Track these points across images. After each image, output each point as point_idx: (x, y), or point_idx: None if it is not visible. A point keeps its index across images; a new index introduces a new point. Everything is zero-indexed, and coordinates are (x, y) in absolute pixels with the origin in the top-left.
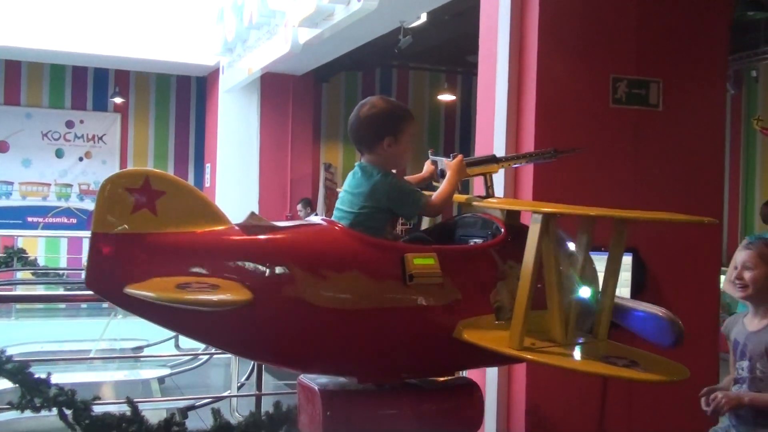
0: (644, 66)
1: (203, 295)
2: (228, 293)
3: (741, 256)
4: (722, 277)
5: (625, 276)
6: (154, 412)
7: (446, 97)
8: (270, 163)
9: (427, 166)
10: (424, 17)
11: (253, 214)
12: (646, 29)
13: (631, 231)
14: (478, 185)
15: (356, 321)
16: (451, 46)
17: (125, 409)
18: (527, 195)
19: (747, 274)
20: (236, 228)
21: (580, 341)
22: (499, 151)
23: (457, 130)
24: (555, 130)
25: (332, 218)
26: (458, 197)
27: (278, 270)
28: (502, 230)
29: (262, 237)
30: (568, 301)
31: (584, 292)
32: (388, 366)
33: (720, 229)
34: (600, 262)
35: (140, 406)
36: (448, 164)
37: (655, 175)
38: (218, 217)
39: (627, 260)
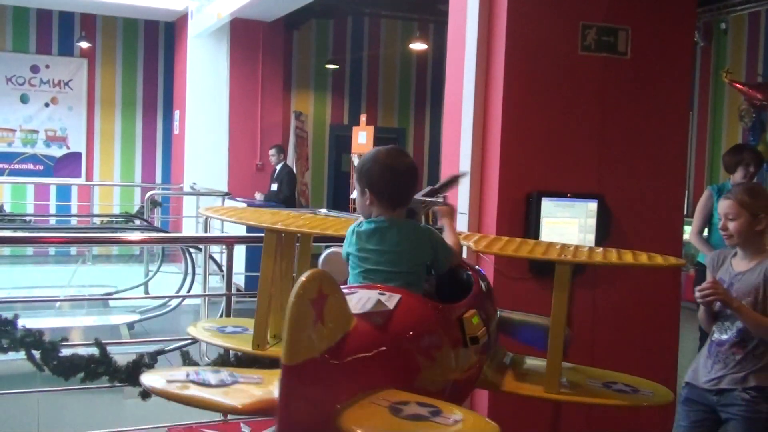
0: (613, 14)
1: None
2: (453, 413)
3: (723, 206)
4: (686, 228)
5: (590, 223)
6: (123, 356)
7: (418, 46)
8: (240, 110)
9: None
10: None
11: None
12: None
13: (597, 178)
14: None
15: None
16: None
17: (94, 350)
18: (496, 143)
19: (731, 225)
20: (362, 321)
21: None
22: (469, 99)
23: (429, 80)
24: (524, 77)
25: (373, 278)
26: None
27: (409, 363)
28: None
29: (391, 330)
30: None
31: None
32: None
33: (684, 179)
34: (565, 208)
35: (109, 349)
36: (443, 211)
37: (622, 123)
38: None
39: (593, 207)
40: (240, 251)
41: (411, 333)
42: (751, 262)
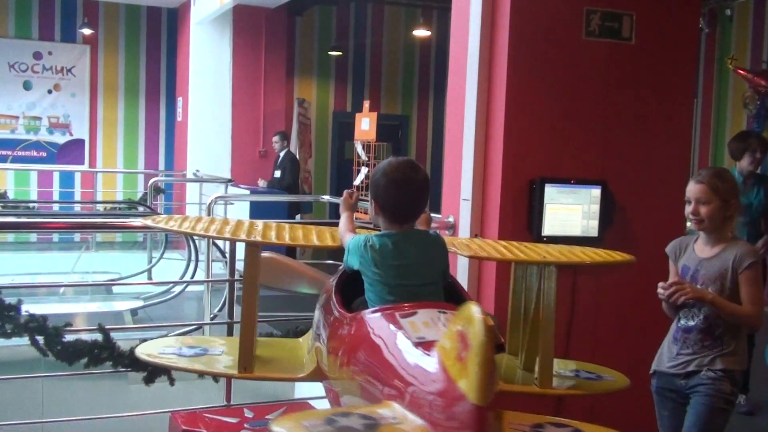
0: None
1: None
2: None
3: (694, 190)
4: None
5: (594, 209)
6: (126, 342)
7: (421, 33)
8: (243, 97)
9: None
10: None
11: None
12: None
13: (600, 164)
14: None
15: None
16: None
17: (97, 336)
18: (499, 129)
19: (702, 209)
20: None
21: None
22: (472, 85)
23: (432, 66)
24: (528, 63)
25: (401, 293)
26: None
27: None
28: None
29: None
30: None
31: None
32: None
33: (688, 166)
34: (568, 194)
35: (113, 336)
36: (423, 219)
37: (626, 109)
38: None
39: (596, 193)
40: None
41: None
42: (714, 247)
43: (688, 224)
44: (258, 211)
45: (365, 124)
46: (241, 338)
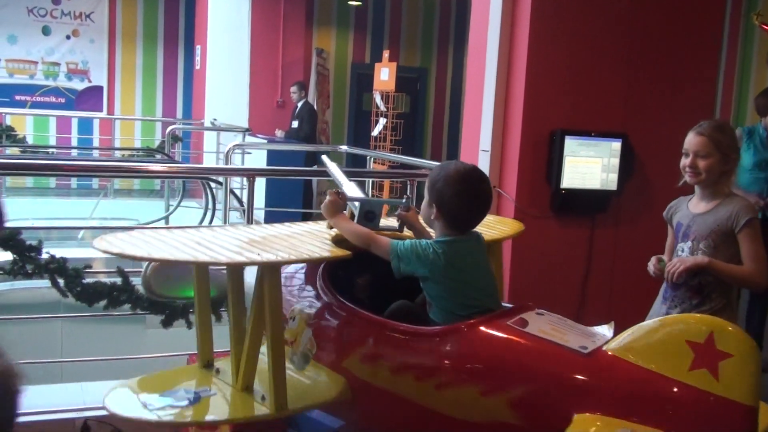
0: None
1: None
2: None
3: (694, 143)
4: None
5: (614, 162)
6: None
7: None
8: (261, 46)
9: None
10: None
11: None
12: None
13: (622, 117)
14: None
15: None
16: None
17: (116, 279)
18: (520, 80)
19: (701, 163)
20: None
21: None
22: (494, 35)
23: (453, 17)
24: (551, 13)
25: (477, 296)
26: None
27: None
28: None
29: None
30: None
31: None
32: None
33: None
34: (588, 147)
35: (131, 279)
36: (413, 217)
37: (650, 61)
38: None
39: (616, 146)
40: (260, 186)
41: None
42: (709, 203)
43: (685, 178)
44: (275, 160)
45: (384, 74)
46: (273, 374)
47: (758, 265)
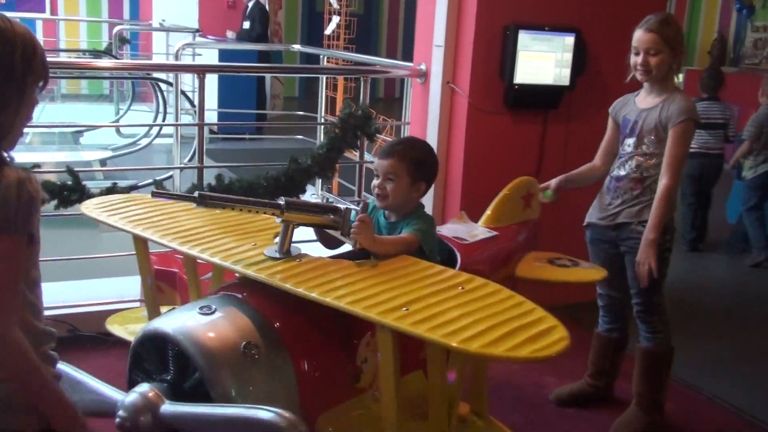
0: None
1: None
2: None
3: (644, 40)
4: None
5: (567, 57)
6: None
7: None
8: None
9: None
10: None
11: None
12: None
13: (576, 10)
14: None
15: None
16: None
17: (67, 180)
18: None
19: (652, 60)
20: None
21: None
22: None
23: None
24: None
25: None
26: None
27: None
28: None
29: None
30: None
31: None
32: None
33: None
34: (542, 41)
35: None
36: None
37: None
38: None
39: (570, 41)
40: (212, 88)
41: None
42: (656, 98)
43: (636, 75)
44: (227, 59)
45: None
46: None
47: (670, 171)
